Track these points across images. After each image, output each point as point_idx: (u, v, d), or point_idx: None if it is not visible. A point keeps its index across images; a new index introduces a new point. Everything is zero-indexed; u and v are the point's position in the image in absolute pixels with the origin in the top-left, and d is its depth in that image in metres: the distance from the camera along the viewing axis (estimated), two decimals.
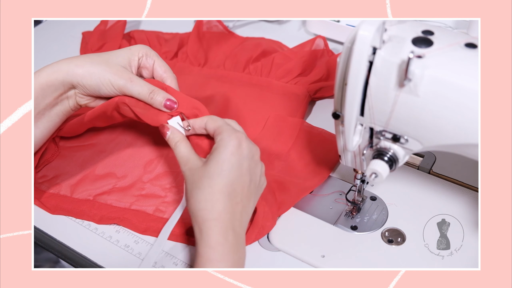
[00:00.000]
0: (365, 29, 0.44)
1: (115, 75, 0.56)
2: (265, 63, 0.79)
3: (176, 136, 0.55)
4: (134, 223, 0.60)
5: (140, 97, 0.56)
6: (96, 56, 0.58)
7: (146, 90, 0.56)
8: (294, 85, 0.76)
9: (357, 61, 0.45)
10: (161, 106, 0.56)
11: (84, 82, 0.56)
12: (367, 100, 0.47)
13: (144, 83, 0.57)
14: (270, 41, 0.86)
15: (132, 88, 0.56)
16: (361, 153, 0.53)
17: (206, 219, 0.49)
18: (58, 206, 0.62)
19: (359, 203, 0.62)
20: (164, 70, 0.60)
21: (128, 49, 0.60)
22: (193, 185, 0.51)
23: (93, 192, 0.64)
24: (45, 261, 1.11)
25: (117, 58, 0.58)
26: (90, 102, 0.60)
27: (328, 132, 0.70)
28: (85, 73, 0.56)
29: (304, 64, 0.78)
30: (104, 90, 0.57)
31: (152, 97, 0.56)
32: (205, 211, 0.49)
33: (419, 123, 0.46)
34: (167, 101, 0.56)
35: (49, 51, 0.90)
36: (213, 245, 0.49)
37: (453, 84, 0.44)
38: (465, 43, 0.45)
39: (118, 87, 0.56)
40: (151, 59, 0.60)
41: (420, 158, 0.67)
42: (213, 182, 0.50)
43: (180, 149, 0.54)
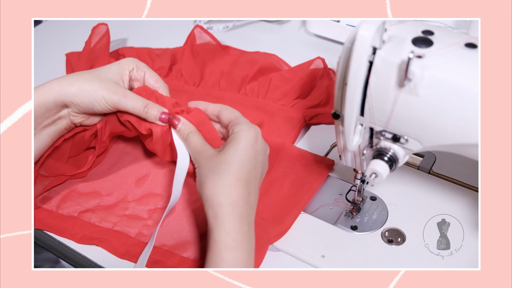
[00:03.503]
0: (365, 29, 0.44)
1: (108, 91, 0.56)
2: (262, 84, 0.76)
3: (188, 127, 0.55)
4: (114, 246, 0.59)
5: (135, 112, 0.56)
6: (87, 73, 0.57)
7: (141, 105, 0.56)
8: (291, 108, 0.74)
9: (357, 61, 0.45)
10: (156, 119, 0.56)
11: (77, 100, 0.56)
12: (367, 100, 0.47)
13: (138, 97, 0.57)
14: (266, 56, 0.84)
15: (126, 104, 0.56)
16: (361, 153, 0.53)
17: (222, 204, 0.49)
18: (42, 221, 0.61)
19: (359, 203, 0.62)
20: (155, 80, 0.61)
21: (118, 63, 0.60)
22: (209, 171, 0.51)
23: (78, 209, 0.63)
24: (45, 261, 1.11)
25: (108, 73, 0.58)
26: (84, 120, 0.60)
27: (313, 154, 0.67)
28: (77, 91, 0.56)
29: (303, 86, 0.75)
30: (98, 107, 0.56)
31: (146, 111, 0.56)
32: (222, 195, 0.49)
33: (419, 123, 0.46)
34: (162, 114, 0.56)
35: (49, 51, 0.90)
36: (230, 231, 0.48)
37: (453, 84, 0.44)
38: (465, 43, 0.45)
39: (112, 103, 0.56)
40: (142, 71, 0.60)
41: (420, 158, 0.67)
42: (232, 169, 0.50)
43: (193, 139, 0.54)
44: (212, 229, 0.49)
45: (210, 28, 0.94)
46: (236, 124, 0.53)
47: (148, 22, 0.97)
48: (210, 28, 0.94)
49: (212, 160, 0.51)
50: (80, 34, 0.94)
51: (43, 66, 0.86)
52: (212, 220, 0.49)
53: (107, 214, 0.62)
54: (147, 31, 0.96)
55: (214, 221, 0.49)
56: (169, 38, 0.94)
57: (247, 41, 0.92)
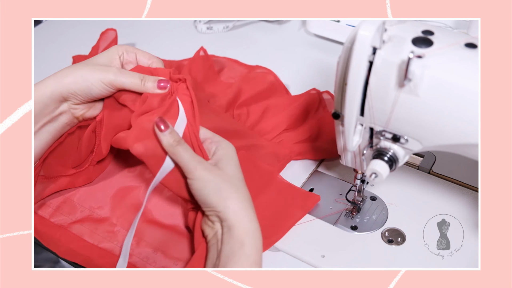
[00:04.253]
0: (365, 29, 0.44)
1: (103, 72, 0.56)
2: (253, 112, 0.72)
3: (176, 135, 0.53)
4: (97, 265, 0.57)
5: (133, 86, 0.57)
6: (79, 64, 0.58)
7: (137, 78, 0.57)
8: (277, 144, 0.69)
9: (357, 61, 0.45)
10: (155, 89, 0.57)
11: (74, 88, 0.56)
12: (367, 100, 0.47)
13: (133, 72, 0.57)
14: (263, 76, 0.80)
15: (123, 80, 0.56)
16: (361, 153, 0.53)
17: (252, 219, 0.51)
18: (34, 228, 0.59)
19: (359, 203, 0.62)
20: (148, 58, 0.61)
21: (107, 50, 0.60)
22: (228, 184, 0.51)
23: (69, 219, 0.62)
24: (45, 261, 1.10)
25: (99, 59, 0.59)
26: (86, 111, 0.60)
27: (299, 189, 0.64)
28: (73, 79, 0.56)
29: (294, 116, 0.71)
30: (96, 90, 0.56)
31: (144, 83, 0.57)
32: (250, 208, 0.51)
33: (419, 123, 0.46)
34: (159, 82, 0.57)
35: (49, 51, 0.90)
36: (259, 246, 0.50)
37: (453, 84, 0.44)
38: (465, 43, 0.45)
39: (109, 82, 0.56)
40: (132, 53, 0.61)
41: (420, 158, 0.67)
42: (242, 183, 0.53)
43: (186, 148, 0.52)
44: (244, 243, 0.49)
45: (210, 28, 0.94)
46: (216, 142, 0.55)
47: (148, 22, 0.97)
48: (210, 28, 0.94)
49: (220, 173, 0.52)
50: (80, 34, 0.94)
51: (43, 66, 0.86)
52: (241, 235, 0.49)
53: (96, 227, 0.61)
54: (147, 31, 0.96)
55: (245, 236, 0.49)
56: (169, 38, 0.94)
57: (247, 41, 0.92)
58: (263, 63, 0.85)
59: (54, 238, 0.60)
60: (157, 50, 0.90)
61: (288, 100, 0.75)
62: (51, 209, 0.62)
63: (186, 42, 0.92)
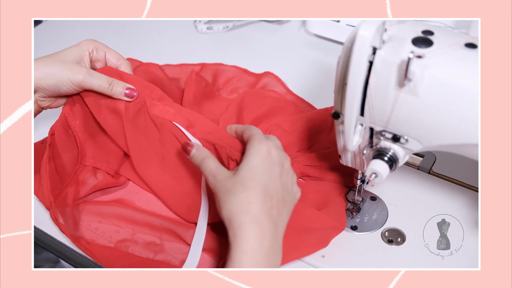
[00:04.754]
0: (365, 29, 0.44)
1: (72, 71, 0.57)
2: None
3: (202, 152, 0.54)
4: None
5: (101, 89, 0.58)
6: (48, 57, 0.58)
7: (106, 82, 0.58)
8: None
9: (357, 61, 0.45)
10: (122, 96, 0.58)
11: (43, 83, 0.57)
12: (367, 100, 0.47)
13: (102, 75, 0.58)
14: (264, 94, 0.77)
15: (92, 82, 0.57)
16: (361, 153, 0.53)
17: (242, 223, 0.48)
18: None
19: (359, 203, 0.62)
20: (117, 59, 0.62)
21: (77, 45, 0.61)
22: (226, 193, 0.50)
23: (114, 237, 0.59)
24: (45, 261, 1.11)
25: (69, 55, 0.59)
26: (51, 103, 0.61)
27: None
28: (42, 75, 0.57)
29: (304, 139, 0.68)
30: (64, 88, 0.58)
31: (112, 88, 0.58)
32: (241, 214, 0.48)
33: (419, 123, 0.46)
34: (126, 89, 0.58)
35: (49, 51, 0.90)
36: (247, 250, 0.47)
37: (453, 84, 0.44)
38: (465, 43, 0.45)
39: (77, 83, 0.57)
40: (102, 51, 0.61)
41: (420, 158, 0.67)
42: (247, 187, 0.49)
43: (208, 164, 0.53)
44: (231, 248, 0.48)
45: (210, 28, 0.94)
46: (249, 142, 0.53)
47: (148, 22, 0.97)
48: (210, 28, 0.94)
49: (228, 182, 0.51)
50: (80, 34, 0.94)
51: None
52: (232, 239, 0.48)
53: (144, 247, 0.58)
54: (147, 31, 0.96)
55: (233, 240, 0.47)
56: (169, 38, 0.94)
57: (247, 41, 0.92)
58: (263, 63, 0.85)
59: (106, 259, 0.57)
60: (157, 50, 0.90)
61: (298, 119, 0.70)
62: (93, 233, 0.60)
63: (186, 42, 0.92)
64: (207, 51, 0.90)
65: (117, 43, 0.91)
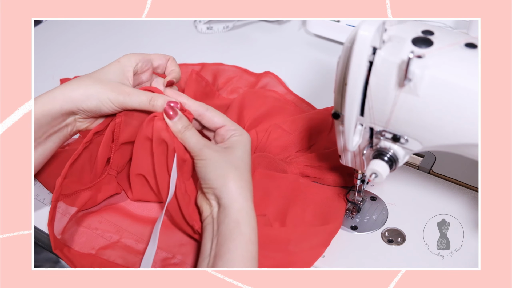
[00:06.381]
0: (365, 29, 0.44)
1: (113, 92, 0.56)
2: (260, 133, 0.69)
3: (185, 121, 0.56)
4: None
5: (141, 107, 0.56)
6: (88, 77, 0.57)
7: (145, 99, 0.56)
8: (287, 163, 0.66)
9: (357, 61, 0.45)
10: (163, 108, 0.56)
11: (83, 106, 0.56)
12: (367, 100, 0.47)
13: (142, 92, 0.57)
14: (265, 94, 0.77)
15: (132, 101, 0.56)
16: (361, 153, 0.53)
17: (248, 198, 0.51)
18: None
19: (359, 203, 0.62)
20: (163, 57, 0.62)
21: (117, 61, 0.59)
22: (229, 164, 0.52)
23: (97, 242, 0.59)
24: (45, 261, 1.11)
25: (110, 74, 0.58)
26: (90, 124, 0.60)
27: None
28: (82, 97, 0.55)
29: (304, 139, 0.68)
30: (105, 109, 0.56)
31: (153, 104, 0.56)
32: (246, 189, 0.52)
33: (419, 123, 0.46)
34: (169, 103, 0.56)
35: (49, 51, 0.90)
36: (255, 226, 0.51)
37: (453, 84, 0.44)
38: (465, 43, 0.45)
39: (118, 104, 0.56)
40: (147, 60, 0.61)
41: (420, 158, 0.67)
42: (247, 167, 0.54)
43: (194, 133, 0.55)
44: (239, 222, 0.50)
45: (210, 28, 0.94)
46: (233, 130, 0.56)
47: (148, 22, 0.97)
48: (210, 28, 0.94)
49: (226, 154, 0.53)
50: (80, 34, 0.94)
51: (43, 66, 0.86)
52: (236, 213, 0.50)
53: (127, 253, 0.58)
54: (147, 31, 0.96)
55: (240, 214, 0.50)
56: (169, 38, 0.94)
57: (247, 41, 0.92)
58: (263, 63, 0.85)
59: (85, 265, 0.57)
60: (157, 50, 0.90)
61: (298, 119, 0.70)
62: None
63: (186, 42, 0.92)
64: (207, 51, 0.90)
65: (117, 43, 0.92)
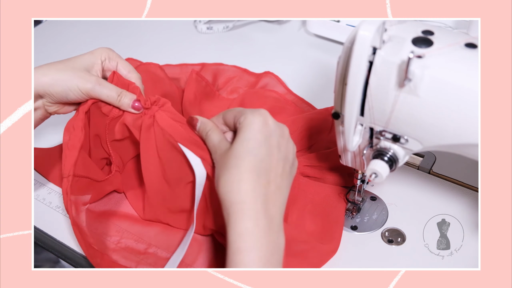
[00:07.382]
0: (365, 29, 0.44)
1: (82, 80, 0.56)
2: None
3: (207, 125, 0.55)
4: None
5: (109, 100, 0.57)
6: (59, 63, 0.57)
7: (115, 93, 0.57)
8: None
9: (357, 61, 0.45)
10: (129, 107, 0.57)
11: (51, 90, 0.56)
12: (367, 100, 0.47)
13: (112, 86, 0.57)
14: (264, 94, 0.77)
15: (100, 91, 0.56)
16: (361, 153, 0.53)
17: (233, 202, 0.45)
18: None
19: (359, 203, 0.62)
20: (128, 71, 0.61)
21: (91, 53, 0.59)
22: (222, 167, 0.48)
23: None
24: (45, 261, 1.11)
25: (81, 62, 0.58)
26: (59, 109, 0.60)
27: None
28: (51, 81, 0.56)
29: (304, 139, 0.67)
30: (72, 95, 0.57)
31: (119, 99, 0.57)
32: (232, 193, 0.46)
33: (419, 123, 0.46)
34: (135, 102, 0.57)
35: (49, 51, 0.90)
36: (241, 231, 0.45)
37: (453, 84, 0.44)
38: (465, 43, 0.45)
39: (86, 91, 0.56)
40: (114, 61, 0.60)
41: (420, 158, 0.67)
42: (240, 161, 0.46)
43: (211, 138, 0.53)
44: (227, 230, 0.46)
45: (210, 28, 0.94)
46: (240, 117, 0.50)
47: (148, 22, 0.97)
48: (210, 28, 0.94)
49: (224, 156, 0.49)
50: (80, 34, 0.95)
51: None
52: (226, 220, 0.46)
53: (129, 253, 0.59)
54: (147, 31, 0.96)
55: (228, 221, 0.46)
56: (169, 38, 0.94)
57: (247, 41, 0.92)
58: (263, 63, 0.85)
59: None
60: (157, 50, 0.90)
61: (298, 119, 0.70)
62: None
63: (186, 42, 0.92)
64: (207, 51, 0.90)
65: (117, 43, 0.92)
